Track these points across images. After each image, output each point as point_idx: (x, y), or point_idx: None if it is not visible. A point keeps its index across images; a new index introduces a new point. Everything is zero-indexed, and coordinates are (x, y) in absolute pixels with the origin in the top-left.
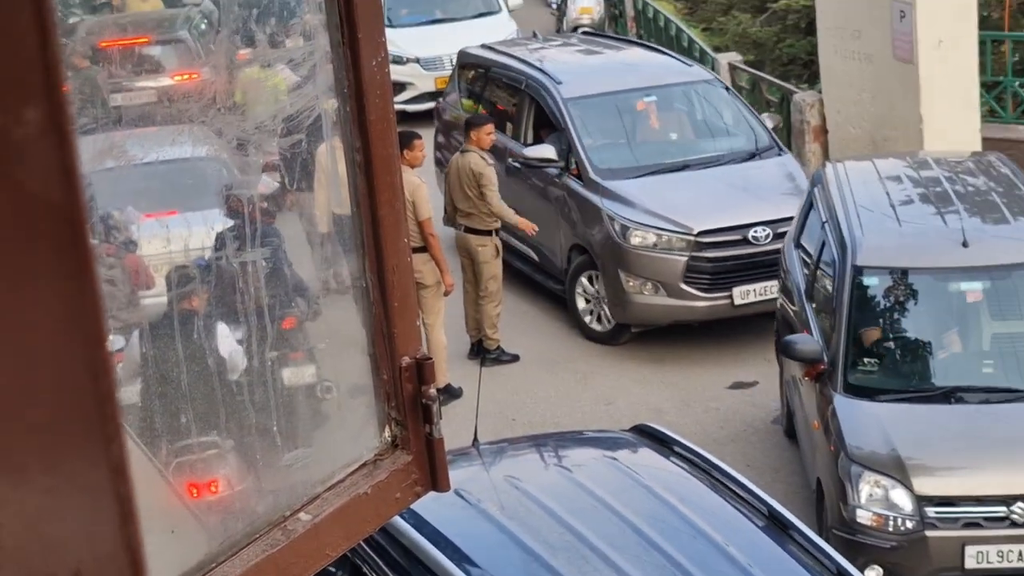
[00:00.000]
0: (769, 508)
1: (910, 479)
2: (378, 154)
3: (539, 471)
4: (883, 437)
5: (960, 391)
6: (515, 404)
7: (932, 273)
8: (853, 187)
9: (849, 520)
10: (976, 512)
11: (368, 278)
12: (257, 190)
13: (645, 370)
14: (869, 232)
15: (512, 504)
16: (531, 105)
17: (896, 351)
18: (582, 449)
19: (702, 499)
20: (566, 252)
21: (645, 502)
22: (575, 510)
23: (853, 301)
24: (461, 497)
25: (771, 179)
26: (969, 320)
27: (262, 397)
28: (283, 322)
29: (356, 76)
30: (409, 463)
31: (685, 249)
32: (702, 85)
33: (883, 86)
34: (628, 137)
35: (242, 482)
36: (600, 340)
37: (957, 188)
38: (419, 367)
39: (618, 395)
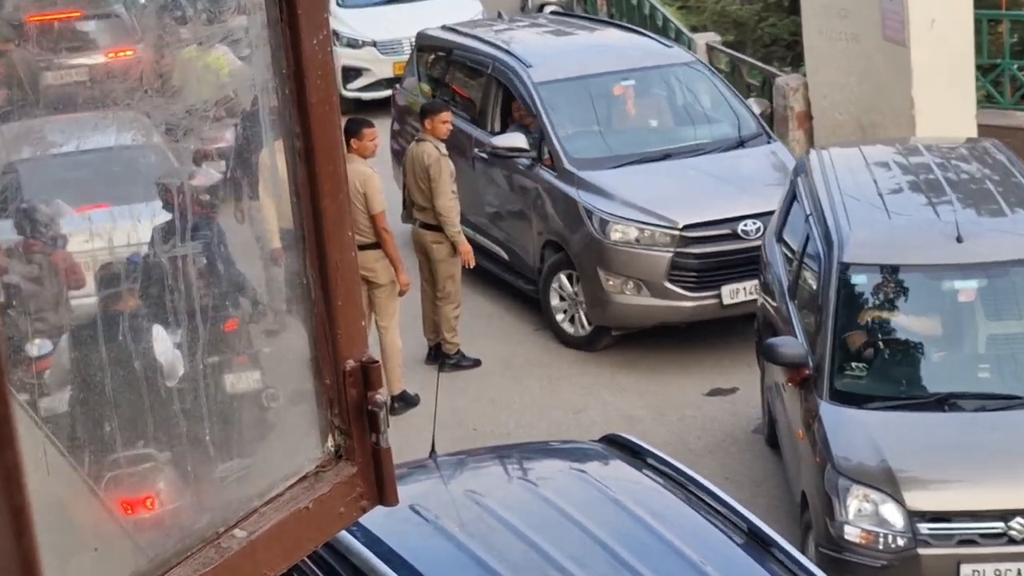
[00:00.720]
0: (749, 524)
1: (901, 493)
2: (320, 140)
3: (501, 485)
4: (872, 448)
5: (955, 398)
6: (476, 413)
7: (924, 270)
8: (839, 176)
9: (836, 537)
10: (972, 528)
11: (309, 275)
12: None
13: (618, 376)
14: (856, 225)
15: (472, 520)
16: (498, 91)
17: (886, 355)
18: (548, 461)
19: (677, 514)
20: (539, 249)
21: (616, 518)
22: (540, 527)
23: (840, 301)
24: (417, 513)
25: (760, 168)
26: (964, 321)
27: (202, 406)
28: (225, 324)
29: (296, 56)
30: (354, 475)
31: (669, 245)
32: (683, 68)
33: (872, 69)
34: (605, 124)
35: (177, 497)
36: (576, 345)
37: (950, 177)
38: (365, 371)
39: (588, 403)
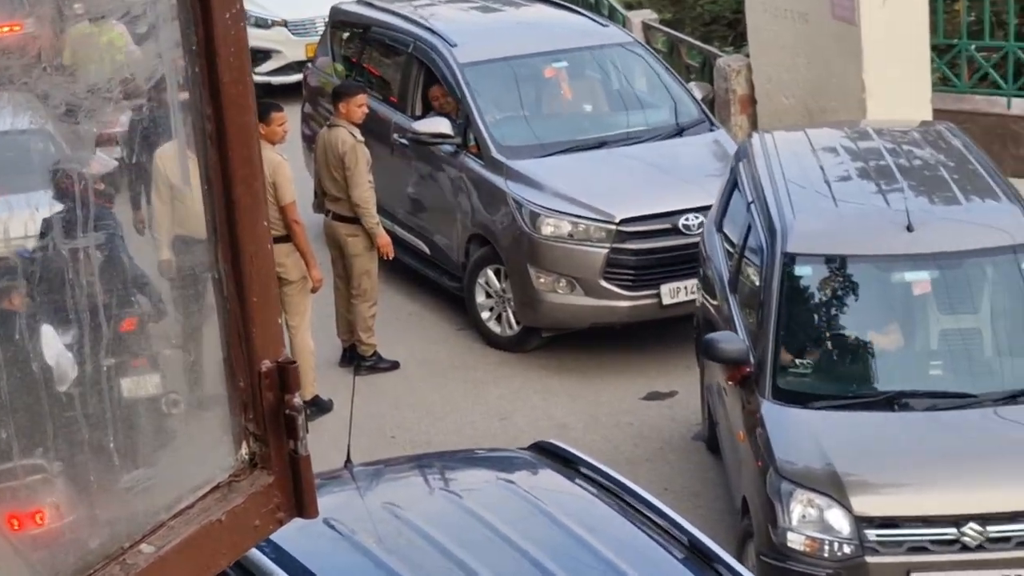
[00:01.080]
0: (690, 537)
1: (848, 498)
2: (233, 122)
3: (423, 497)
4: (817, 450)
5: (905, 397)
6: (395, 419)
7: (873, 261)
8: (783, 161)
9: (779, 545)
10: (922, 535)
11: (221, 269)
12: (91, 168)
13: (549, 380)
14: (801, 214)
15: (391, 535)
16: (420, 71)
17: (832, 351)
18: (473, 471)
19: (612, 527)
20: (463, 244)
21: (546, 531)
22: (464, 541)
23: (783, 294)
24: (331, 527)
25: (703, 158)
26: (914, 315)
27: (97, 411)
28: (122, 323)
29: (207, 31)
30: (270, 485)
31: (605, 240)
32: (619, 49)
33: (820, 49)
34: (535, 109)
35: (73, 511)
36: (504, 346)
37: (902, 163)
38: (281, 373)
39: (516, 408)
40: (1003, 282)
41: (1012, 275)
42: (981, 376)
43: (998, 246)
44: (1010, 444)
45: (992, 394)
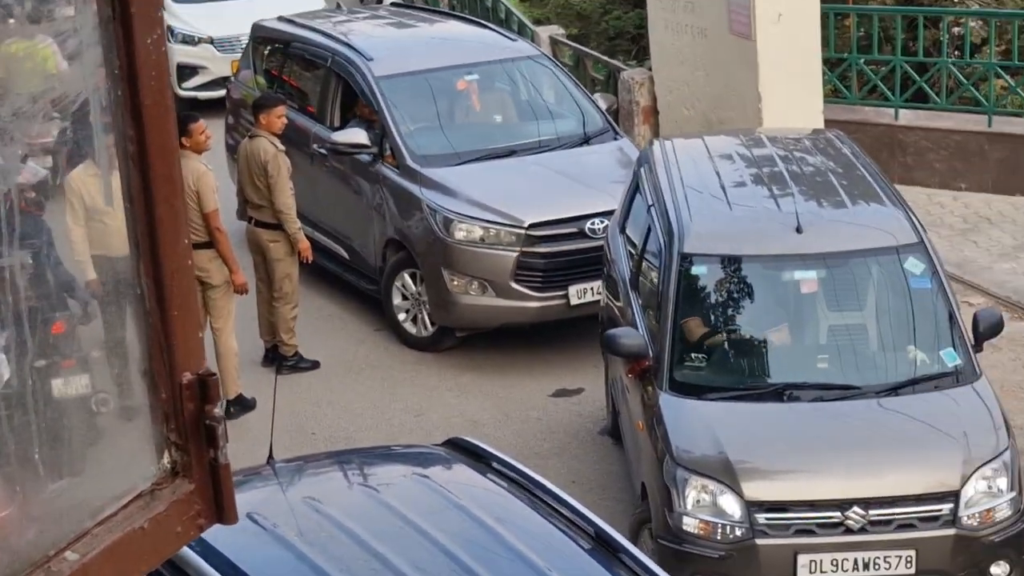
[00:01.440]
0: (596, 529)
1: (739, 484)
2: (154, 144)
3: (342, 491)
4: (711, 439)
5: (793, 388)
6: (315, 416)
7: (764, 261)
8: (681, 167)
9: (675, 528)
10: (809, 518)
11: (143, 284)
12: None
13: (462, 378)
14: (697, 216)
15: (312, 529)
16: (338, 84)
17: (726, 345)
18: (389, 466)
19: (522, 520)
20: (381, 248)
21: (459, 524)
22: (382, 534)
23: (680, 291)
24: (255, 522)
25: (608, 165)
26: (803, 311)
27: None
28: (52, 326)
29: (129, 56)
30: (191, 493)
31: (515, 244)
32: (528, 62)
33: (719, 63)
34: (448, 120)
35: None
36: (419, 346)
37: (793, 169)
38: (202, 384)
39: (431, 406)
40: (886, 281)
41: (895, 274)
42: (865, 369)
43: (882, 247)
44: (891, 433)
45: (875, 386)
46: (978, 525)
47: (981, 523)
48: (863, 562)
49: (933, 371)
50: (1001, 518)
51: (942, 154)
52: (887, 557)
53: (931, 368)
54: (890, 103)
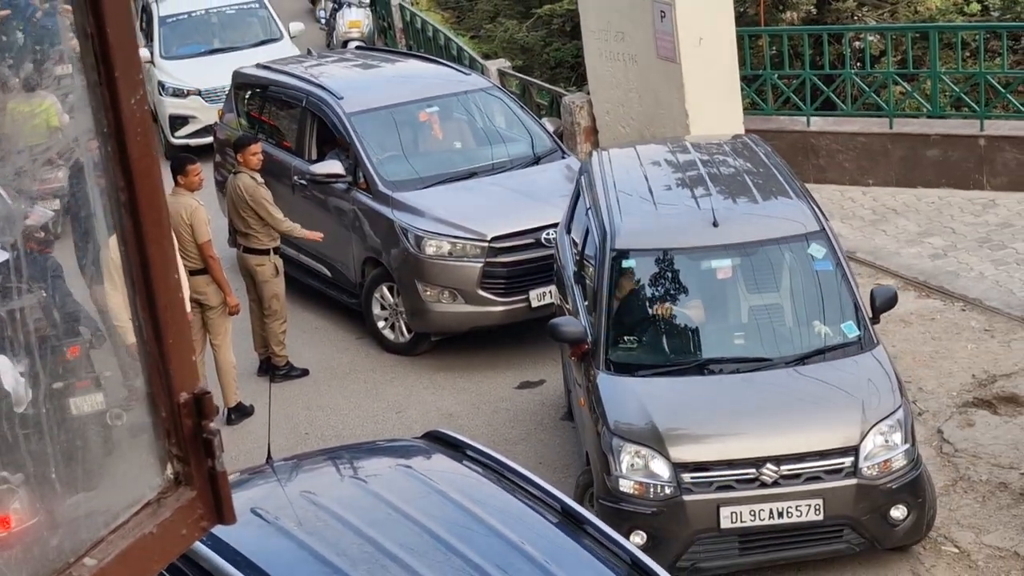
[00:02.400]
0: (562, 504)
1: (666, 448)
2: (143, 192)
3: (335, 484)
4: (641, 410)
5: (713, 363)
6: (307, 418)
7: (685, 253)
8: (615, 174)
9: (613, 490)
10: (728, 476)
11: (140, 317)
12: (31, 220)
13: (436, 377)
14: (627, 216)
15: (310, 519)
16: (313, 122)
17: (654, 328)
18: (376, 459)
19: (496, 500)
20: (359, 265)
21: (440, 507)
22: (373, 521)
23: (612, 282)
24: (258, 515)
25: (557, 181)
26: (721, 295)
27: (49, 429)
28: (67, 351)
29: (116, 116)
30: (193, 499)
31: (480, 256)
32: (481, 93)
33: (649, 85)
34: (413, 148)
35: (35, 518)
36: (398, 351)
37: (712, 171)
38: (198, 402)
39: (409, 403)
40: (793, 265)
41: (800, 259)
42: (776, 343)
43: (788, 235)
44: (799, 398)
45: (785, 357)
46: (877, 475)
47: (880, 473)
48: (777, 511)
49: (835, 342)
50: (897, 467)
51: (850, 155)
52: (798, 506)
53: (834, 340)
54: (802, 112)
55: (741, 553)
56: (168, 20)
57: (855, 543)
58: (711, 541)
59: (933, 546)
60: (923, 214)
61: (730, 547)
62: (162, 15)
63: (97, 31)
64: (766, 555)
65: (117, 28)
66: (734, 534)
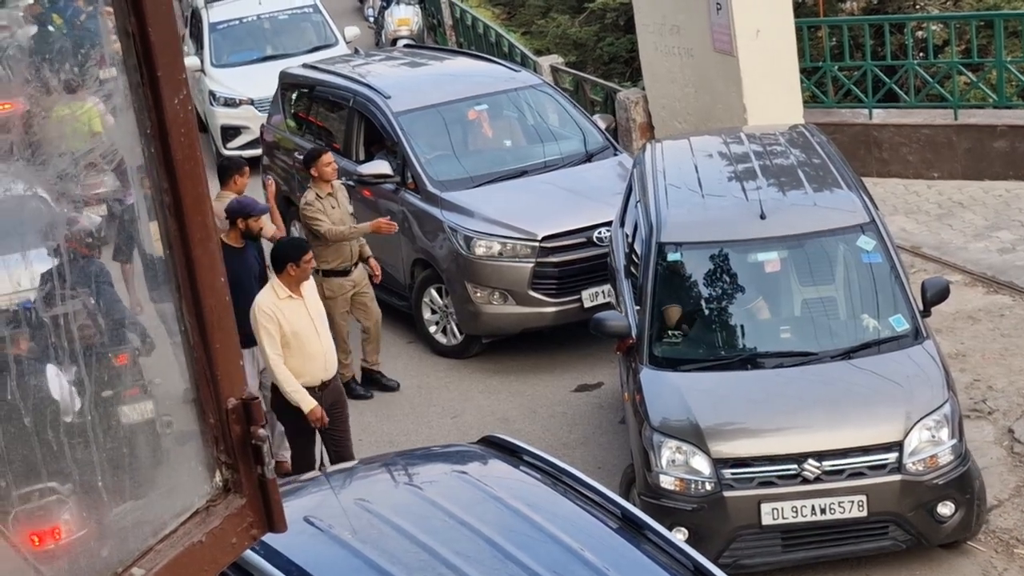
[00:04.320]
0: (622, 509)
1: (707, 444)
2: (188, 194)
3: (389, 491)
4: (682, 406)
5: (757, 357)
6: (361, 424)
7: (731, 246)
8: (667, 166)
9: (654, 486)
10: (769, 471)
11: (187, 322)
12: (79, 225)
13: (491, 380)
14: (674, 209)
15: (364, 527)
16: (360, 122)
17: (699, 322)
18: (431, 465)
19: (554, 506)
20: (409, 267)
21: (498, 514)
22: (428, 528)
23: (658, 276)
24: (312, 524)
25: (609, 179)
26: (767, 289)
27: (99, 440)
28: (116, 358)
29: (159, 116)
30: (243, 507)
31: (531, 256)
32: (531, 90)
33: (705, 79)
34: (462, 147)
35: (82, 530)
36: (450, 354)
37: (764, 162)
38: (246, 408)
39: (464, 408)
40: (841, 257)
41: (849, 252)
42: (822, 337)
43: (836, 227)
44: (843, 392)
45: (831, 351)
46: (923, 470)
47: (925, 468)
48: (820, 508)
49: (884, 335)
50: (944, 463)
51: (914, 147)
52: (841, 503)
53: (881, 333)
54: (864, 104)
55: (784, 550)
56: (219, 26)
57: (901, 540)
58: (753, 538)
59: (1005, 549)
60: (990, 207)
61: (772, 544)
62: (212, 21)
63: (139, 31)
64: (809, 552)
65: (159, 28)
66: (776, 531)
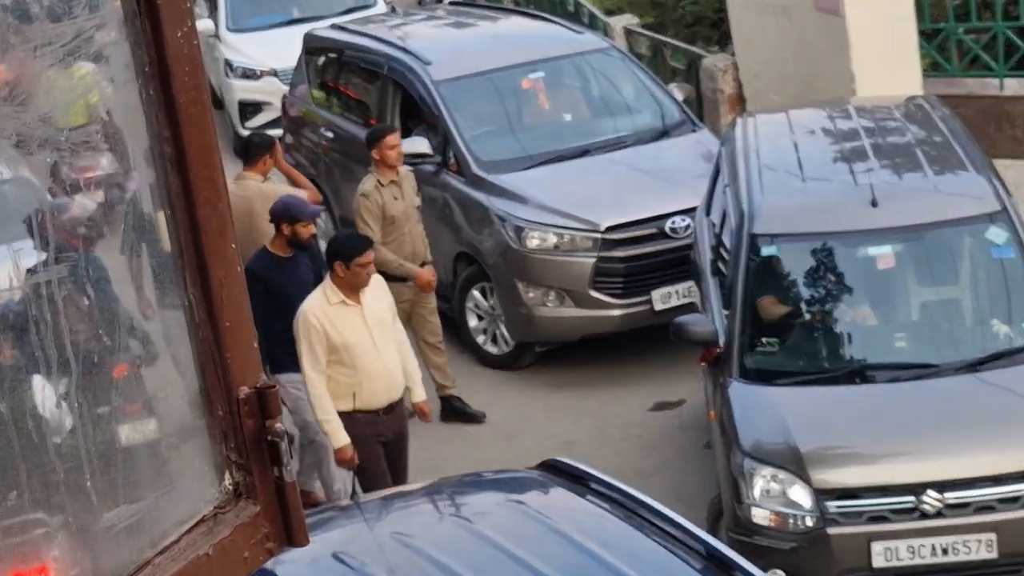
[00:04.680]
0: (707, 547)
1: (808, 472)
2: (193, 144)
3: (432, 524)
4: (779, 426)
5: (868, 369)
6: None
7: (837, 238)
8: (761, 144)
9: (745, 520)
10: (882, 504)
11: (191, 295)
12: (71, 213)
13: (552, 396)
14: (770, 195)
15: (403, 565)
16: (396, 92)
17: (798, 328)
18: (482, 494)
19: (628, 542)
20: (451, 263)
21: (561, 551)
22: (478, 566)
23: (749, 274)
24: (341, 562)
25: (686, 159)
26: (879, 289)
27: (94, 462)
28: (113, 369)
29: (159, 52)
30: (257, 515)
31: (592, 249)
32: (597, 55)
33: (806, 43)
34: (514, 122)
35: (75, 564)
36: (498, 364)
37: (876, 140)
38: (261, 398)
39: (522, 427)
40: (967, 253)
41: (976, 245)
42: (944, 346)
43: (961, 217)
44: (969, 412)
45: (953, 363)
46: None
47: None
48: (941, 548)
49: (1016, 344)
50: None
51: None
52: (966, 542)
53: (1014, 342)
54: (994, 73)
55: None
56: None
57: None
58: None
59: None
60: None
61: None
62: None
63: None
64: None
65: None
66: (889, 574)
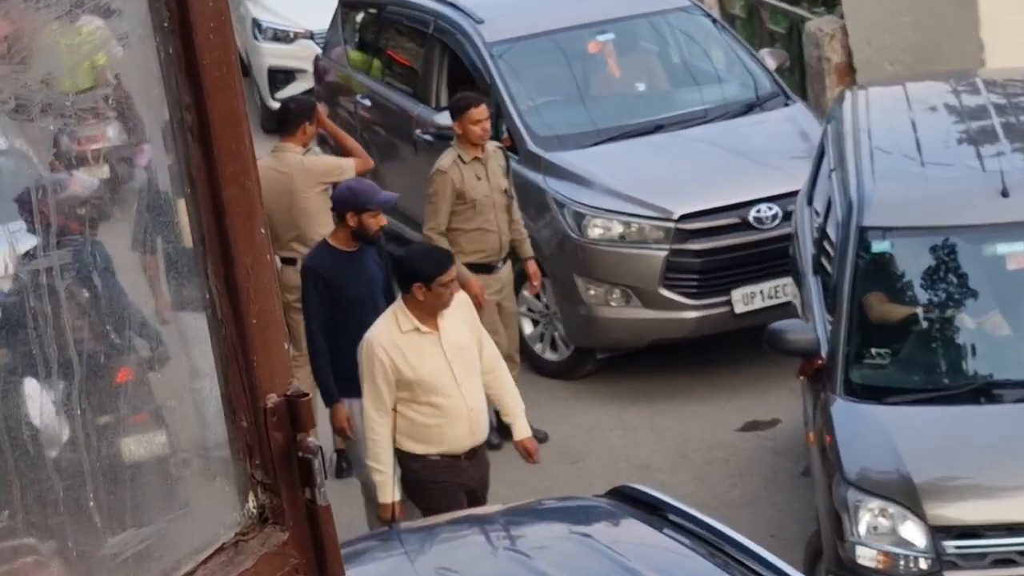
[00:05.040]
0: None
1: (922, 506)
2: (217, 111)
3: (483, 557)
4: (890, 451)
5: (994, 387)
6: None
7: (961, 233)
8: (873, 123)
9: (848, 561)
10: (1008, 545)
11: (213, 287)
12: (71, 190)
13: (625, 414)
14: (883, 182)
15: None
16: (443, 55)
17: (914, 338)
18: (542, 525)
19: None
20: None
21: None
22: None
23: (857, 274)
24: None
25: (777, 138)
26: (1010, 293)
27: (93, 478)
28: (117, 373)
29: (180, 4)
30: (285, 543)
31: (664, 241)
32: (677, 14)
33: (927, 5)
34: (578, 92)
35: None
36: (555, 373)
37: (1008, 120)
38: (291, 408)
39: (589, 449)
40: None
41: None
42: None
43: None
44: None
45: None
46: None
47: None
48: None
49: None
50: None
51: None
52: None
53: None
54: None
55: None
56: None
57: None
58: None
59: None
60: None
61: None
62: None
63: None
64: None
65: None
66: None
